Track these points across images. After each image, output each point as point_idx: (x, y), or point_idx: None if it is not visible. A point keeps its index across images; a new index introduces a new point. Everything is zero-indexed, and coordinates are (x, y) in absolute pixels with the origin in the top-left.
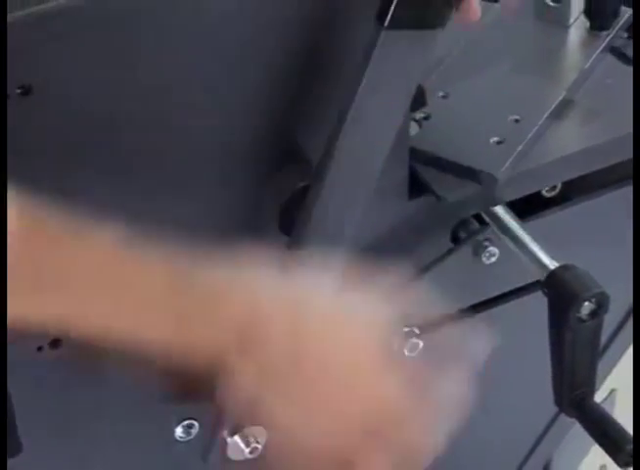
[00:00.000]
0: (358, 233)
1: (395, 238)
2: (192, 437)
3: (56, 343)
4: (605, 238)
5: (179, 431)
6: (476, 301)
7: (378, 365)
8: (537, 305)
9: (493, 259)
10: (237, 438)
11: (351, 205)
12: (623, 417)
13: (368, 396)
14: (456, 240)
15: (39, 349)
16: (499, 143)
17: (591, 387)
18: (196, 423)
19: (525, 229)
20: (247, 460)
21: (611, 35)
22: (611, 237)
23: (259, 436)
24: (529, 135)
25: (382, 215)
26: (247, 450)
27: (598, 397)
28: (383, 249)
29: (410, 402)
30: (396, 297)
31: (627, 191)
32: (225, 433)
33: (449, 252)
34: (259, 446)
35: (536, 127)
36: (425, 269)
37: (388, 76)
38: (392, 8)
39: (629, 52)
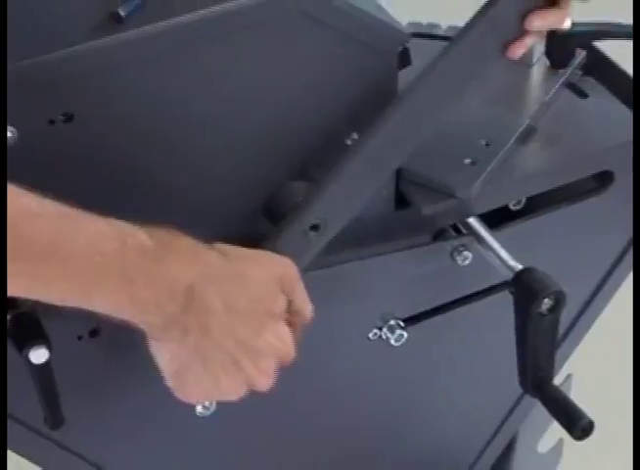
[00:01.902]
0: (346, 235)
1: (382, 242)
2: (210, 412)
3: (95, 332)
4: (562, 245)
5: (199, 408)
6: (452, 297)
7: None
8: (504, 302)
9: (467, 262)
10: None
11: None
12: (578, 397)
13: None
14: None
15: (79, 338)
16: (472, 163)
17: (550, 372)
18: (214, 401)
19: (494, 237)
20: None
21: (568, 73)
22: (567, 244)
23: None
24: (498, 157)
25: (371, 223)
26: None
27: (556, 380)
28: (370, 250)
29: None
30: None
31: (582, 205)
32: None
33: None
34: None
35: (504, 150)
36: (409, 270)
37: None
38: None
39: (583, 87)
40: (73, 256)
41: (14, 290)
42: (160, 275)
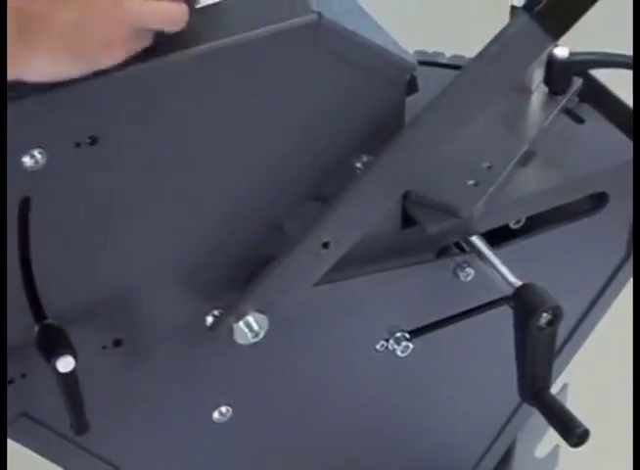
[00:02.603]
0: (355, 252)
1: (390, 259)
2: (226, 419)
3: (118, 342)
4: (560, 262)
5: (216, 415)
6: (455, 311)
7: None
8: (504, 316)
9: (469, 278)
10: (242, 323)
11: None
12: (574, 406)
13: None
14: None
15: (104, 347)
16: (475, 185)
17: (548, 381)
18: (230, 408)
19: (495, 254)
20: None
21: (565, 99)
22: (565, 261)
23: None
24: (499, 179)
25: (379, 240)
26: (250, 335)
27: (553, 389)
28: (378, 266)
29: None
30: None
31: (578, 224)
32: (232, 320)
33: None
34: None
35: (505, 172)
36: (414, 285)
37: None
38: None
39: (580, 112)
40: None
41: None
42: None
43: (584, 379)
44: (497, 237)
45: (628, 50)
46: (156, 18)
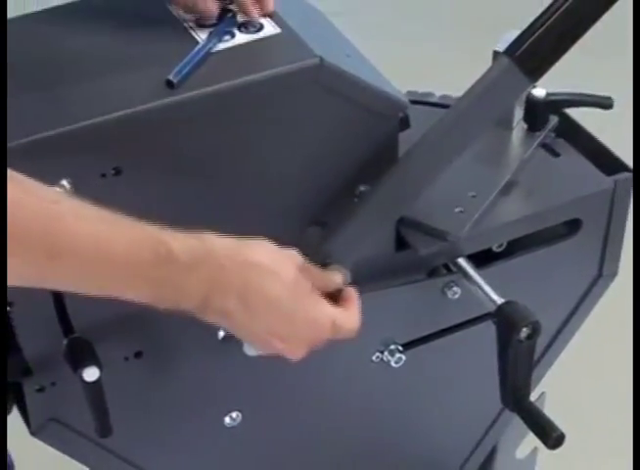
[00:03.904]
0: (354, 271)
1: (385, 278)
2: (236, 423)
3: (139, 354)
4: (538, 281)
5: (227, 420)
6: (443, 326)
7: None
8: (488, 330)
9: (456, 296)
10: None
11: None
12: (550, 412)
13: None
14: None
15: (126, 359)
16: (461, 212)
17: (527, 390)
18: (240, 413)
19: (480, 274)
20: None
21: (542, 135)
22: (542, 280)
23: None
24: (484, 206)
25: (375, 262)
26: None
27: (532, 397)
28: (374, 285)
29: None
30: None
31: (554, 248)
32: None
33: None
34: None
35: (488, 201)
36: (406, 302)
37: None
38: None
39: (556, 147)
40: (111, 259)
41: (58, 284)
42: (185, 285)
43: (560, 387)
44: (482, 259)
45: (598, 91)
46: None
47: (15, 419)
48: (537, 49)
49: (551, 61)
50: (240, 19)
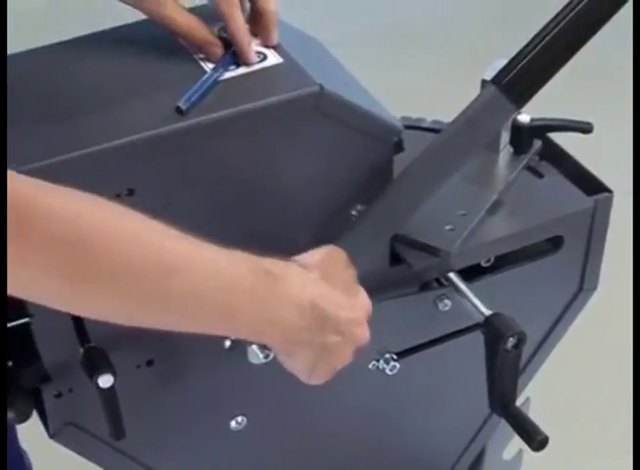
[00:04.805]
0: None
1: (380, 292)
2: (241, 427)
3: (150, 362)
4: (523, 294)
5: (233, 424)
6: (435, 336)
7: None
8: (476, 340)
9: (447, 308)
10: (254, 346)
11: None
12: (535, 416)
13: None
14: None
15: (138, 366)
16: (452, 230)
17: (513, 396)
18: (244, 417)
19: (469, 288)
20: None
21: (527, 158)
22: (527, 293)
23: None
24: (473, 224)
25: (371, 276)
26: (261, 356)
27: (518, 402)
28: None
29: None
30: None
31: (539, 263)
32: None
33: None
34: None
35: (477, 219)
36: (400, 314)
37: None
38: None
39: (540, 169)
40: (214, 288)
41: (167, 324)
42: (288, 295)
43: (544, 393)
44: (471, 273)
45: (580, 117)
46: None
47: (34, 423)
48: (522, 78)
49: (535, 89)
50: None
